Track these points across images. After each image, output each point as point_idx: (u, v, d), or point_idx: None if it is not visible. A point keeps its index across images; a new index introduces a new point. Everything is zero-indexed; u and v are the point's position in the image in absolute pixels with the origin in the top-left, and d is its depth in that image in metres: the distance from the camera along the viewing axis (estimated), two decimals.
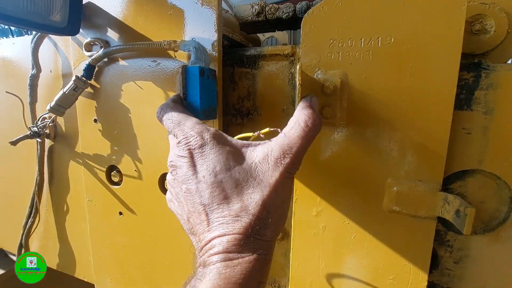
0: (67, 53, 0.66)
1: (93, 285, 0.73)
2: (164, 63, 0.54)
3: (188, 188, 0.30)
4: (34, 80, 0.65)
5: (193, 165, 0.31)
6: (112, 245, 0.67)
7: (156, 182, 0.59)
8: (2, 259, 0.89)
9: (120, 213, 0.64)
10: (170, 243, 0.61)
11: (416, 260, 0.47)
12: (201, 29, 0.50)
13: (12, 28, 1.04)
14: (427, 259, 0.46)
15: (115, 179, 0.64)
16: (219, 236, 0.27)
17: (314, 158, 0.49)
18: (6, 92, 0.66)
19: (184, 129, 0.33)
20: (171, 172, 0.34)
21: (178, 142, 0.33)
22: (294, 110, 0.54)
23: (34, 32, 0.63)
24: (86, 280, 0.77)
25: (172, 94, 0.54)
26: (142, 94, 0.57)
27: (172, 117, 0.35)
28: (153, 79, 0.55)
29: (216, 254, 0.26)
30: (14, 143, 0.62)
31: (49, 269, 0.81)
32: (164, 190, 0.60)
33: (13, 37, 1.00)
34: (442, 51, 0.40)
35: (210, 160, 0.30)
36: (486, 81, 0.41)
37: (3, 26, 1.05)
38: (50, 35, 0.65)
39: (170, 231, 0.60)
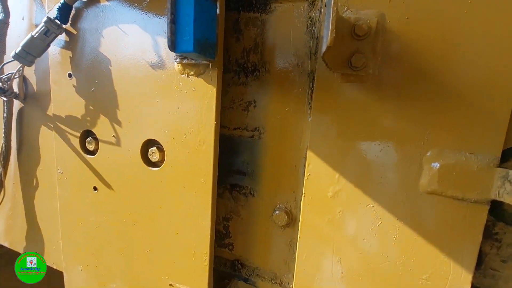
0: None
1: None
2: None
3: None
4: (2, 28, 0.54)
5: None
6: (85, 226, 0.57)
7: (138, 150, 0.49)
8: None
9: (95, 188, 0.54)
10: (153, 225, 0.51)
11: (458, 255, 0.37)
12: None
13: None
14: (473, 255, 0.36)
15: (90, 147, 0.53)
16: None
17: (334, 128, 0.40)
18: None
19: None
20: None
21: None
22: (311, 65, 0.45)
23: None
24: (55, 268, 0.66)
25: (165, 40, 0.45)
26: (126, 41, 0.47)
27: None
28: (140, 21, 0.45)
29: None
30: None
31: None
32: (147, 160, 0.49)
33: None
34: None
35: None
36: None
37: None
38: None
39: (153, 211, 0.50)
